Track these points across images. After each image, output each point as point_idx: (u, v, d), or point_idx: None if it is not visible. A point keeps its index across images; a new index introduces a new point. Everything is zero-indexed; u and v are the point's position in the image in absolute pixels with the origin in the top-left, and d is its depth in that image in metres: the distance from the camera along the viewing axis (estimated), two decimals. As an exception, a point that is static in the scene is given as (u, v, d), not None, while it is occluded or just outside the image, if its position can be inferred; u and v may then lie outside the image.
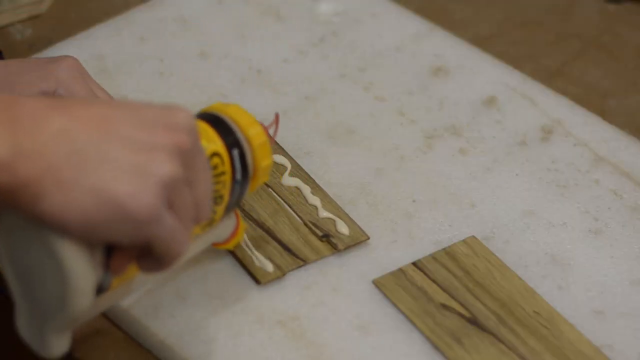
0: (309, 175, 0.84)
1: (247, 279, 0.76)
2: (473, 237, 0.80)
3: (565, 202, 0.85)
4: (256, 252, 0.77)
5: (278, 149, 0.86)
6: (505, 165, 0.87)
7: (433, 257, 0.78)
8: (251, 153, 0.72)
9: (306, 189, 0.83)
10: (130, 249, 0.62)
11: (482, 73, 0.97)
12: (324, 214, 0.81)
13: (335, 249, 0.78)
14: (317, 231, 0.79)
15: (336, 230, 0.79)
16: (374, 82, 0.95)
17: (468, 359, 0.72)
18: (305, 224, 0.80)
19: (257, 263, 0.76)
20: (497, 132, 0.91)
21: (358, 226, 0.80)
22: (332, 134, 0.89)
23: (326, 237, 0.79)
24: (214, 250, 0.78)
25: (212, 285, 0.75)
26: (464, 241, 0.80)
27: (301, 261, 0.77)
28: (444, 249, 0.79)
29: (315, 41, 0.99)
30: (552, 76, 1.00)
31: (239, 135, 0.71)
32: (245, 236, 0.78)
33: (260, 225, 0.79)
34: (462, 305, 0.75)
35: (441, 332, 0.73)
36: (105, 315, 0.75)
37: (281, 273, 0.76)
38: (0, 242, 0.63)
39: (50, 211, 0.57)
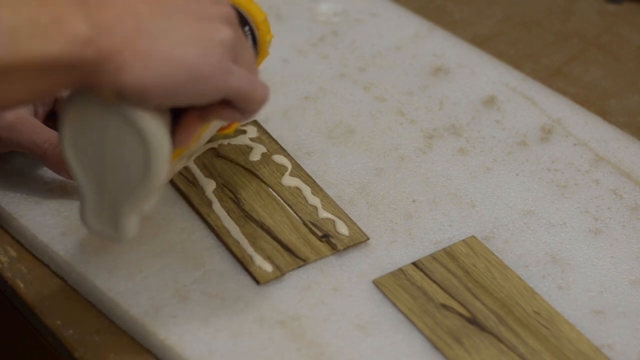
0: (309, 176, 0.84)
1: (247, 279, 0.76)
2: (473, 237, 0.80)
3: (565, 202, 0.85)
4: (255, 252, 0.77)
5: (279, 149, 0.86)
6: (505, 165, 0.87)
7: (433, 257, 0.78)
8: (256, 29, 0.77)
9: (306, 189, 0.82)
10: (196, 119, 0.67)
11: (482, 73, 0.97)
12: (323, 214, 0.81)
13: (334, 249, 0.78)
14: (317, 231, 0.79)
15: (336, 231, 0.79)
16: (374, 82, 0.95)
17: (468, 358, 0.72)
18: (305, 224, 0.80)
19: (256, 263, 0.76)
20: (497, 132, 0.91)
21: (358, 227, 0.80)
22: (332, 134, 0.89)
23: (326, 238, 0.79)
24: (214, 249, 0.78)
25: (212, 285, 0.75)
26: (464, 241, 0.80)
27: (301, 261, 0.77)
28: (443, 249, 0.79)
29: (315, 41, 0.99)
30: (552, 76, 1.00)
31: (244, 14, 0.76)
32: (244, 238, 0.78)
33: (260, 225, 0.79)
34: (461, 305, 0.75)
35: (441, 332, 0.73)
36: (105, 315, 0.75)
37: (280, 273, 0.76)
38: (66, 135, 0.66)
39: (131, 80, 0.61)
